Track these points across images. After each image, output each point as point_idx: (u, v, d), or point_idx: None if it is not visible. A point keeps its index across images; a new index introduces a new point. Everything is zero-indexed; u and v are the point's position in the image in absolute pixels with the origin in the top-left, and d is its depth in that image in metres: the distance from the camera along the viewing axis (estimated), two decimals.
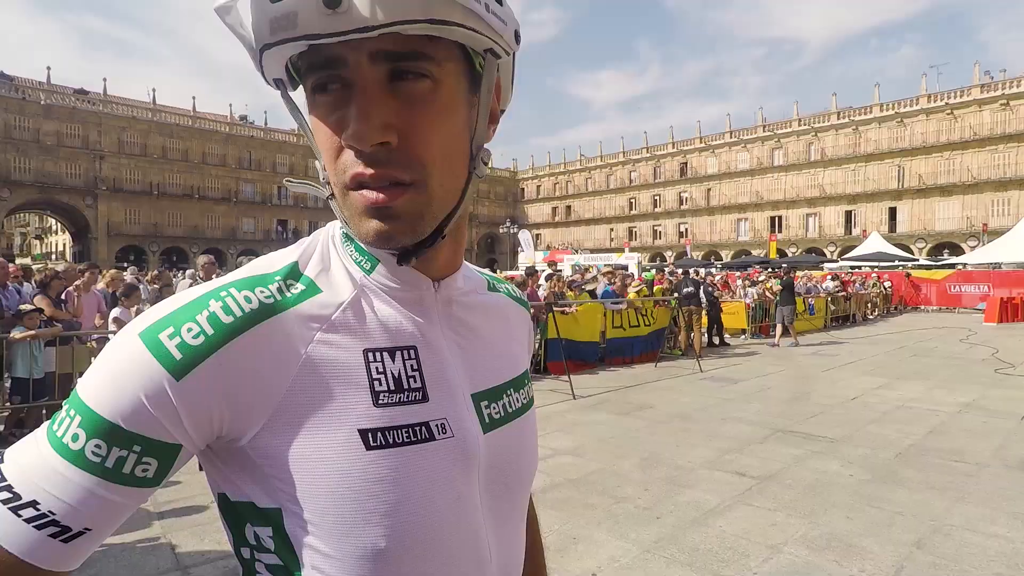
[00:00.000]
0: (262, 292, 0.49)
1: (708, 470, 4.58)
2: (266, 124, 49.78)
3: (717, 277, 16.86)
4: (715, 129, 53.42)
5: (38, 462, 0.44)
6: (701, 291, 11.15)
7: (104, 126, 41.78)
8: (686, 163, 53.00)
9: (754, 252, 44.13)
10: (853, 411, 6.54)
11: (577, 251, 40.44)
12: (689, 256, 38.46)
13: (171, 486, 4.18)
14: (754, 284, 14.72)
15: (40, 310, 5.68)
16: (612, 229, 58.01)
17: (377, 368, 0.51)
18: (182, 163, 44.88)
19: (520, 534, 0.61)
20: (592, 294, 10.62)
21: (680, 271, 12.15)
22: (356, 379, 0.50)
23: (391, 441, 0.49)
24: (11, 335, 5.39)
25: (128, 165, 42.60)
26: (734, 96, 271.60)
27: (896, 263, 27.70)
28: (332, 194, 0.51)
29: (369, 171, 0.46)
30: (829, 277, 19.62)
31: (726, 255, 47.50)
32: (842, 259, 32.03)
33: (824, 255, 40.99)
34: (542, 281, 10.53)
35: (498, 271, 17.53)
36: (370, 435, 0.49)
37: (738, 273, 22.41)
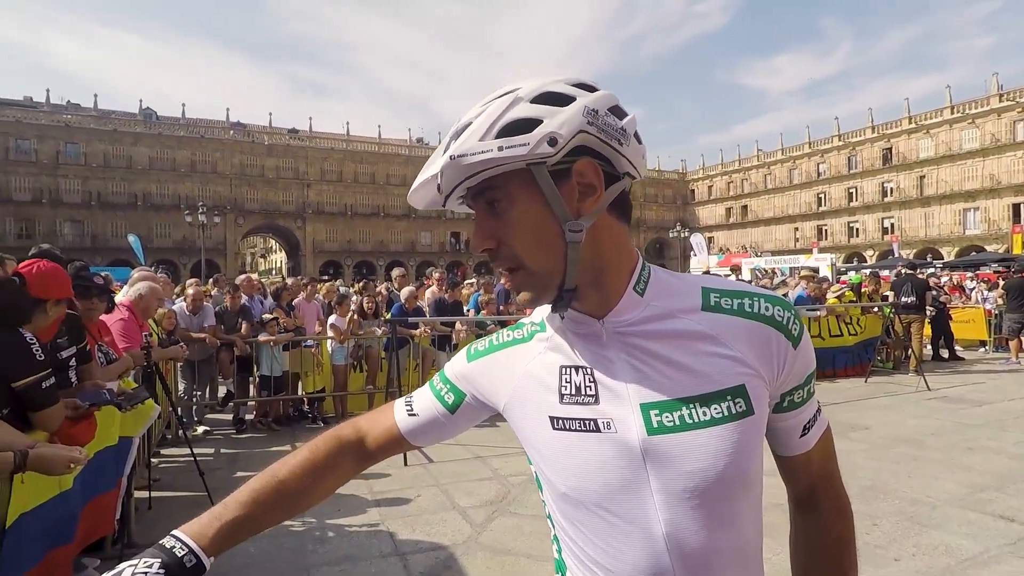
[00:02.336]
0: (518, 332, 0.84)
1: (958, 509, 3.80)
2: (439, 143, 54.04)
3: (944, 279, 14.14)
4: (928, 106, 45.13)
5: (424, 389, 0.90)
6: (926, 296, 9.46)
7: (310, 158, 48.81)
8: (890, 148, 45.77)
9: (989, 248, 36.53)
10: None
11: (757, 254, 37.32)
12: (897, 255, 32.92)
13: (382, 478, 4.63)
14: (996, 287, 12.16)
15: (277, 319, 6.68)
16: (797, 228, 52.40)
17: (566, 379, 0.75)
18: (370, 185, 50.55)
19: (718, 535, 0.70)
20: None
21: (903, 269, 10.20)
22: (551, 384, 0.75)
23: (567, 427, 0.73)
24: (258, 338, 6.42)
25: (328, 190, 49.16)
26: (952, 64, 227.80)
27: None
28: None
29: (497, 265, 0.73)
30: None
31: (948, 252, 40.11)
32: None
33: None
34: None
35: None
36: (554, 421, 0.74)
37: (969, 273, 18.72)
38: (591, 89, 0.70)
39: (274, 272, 58.90)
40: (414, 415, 0.86)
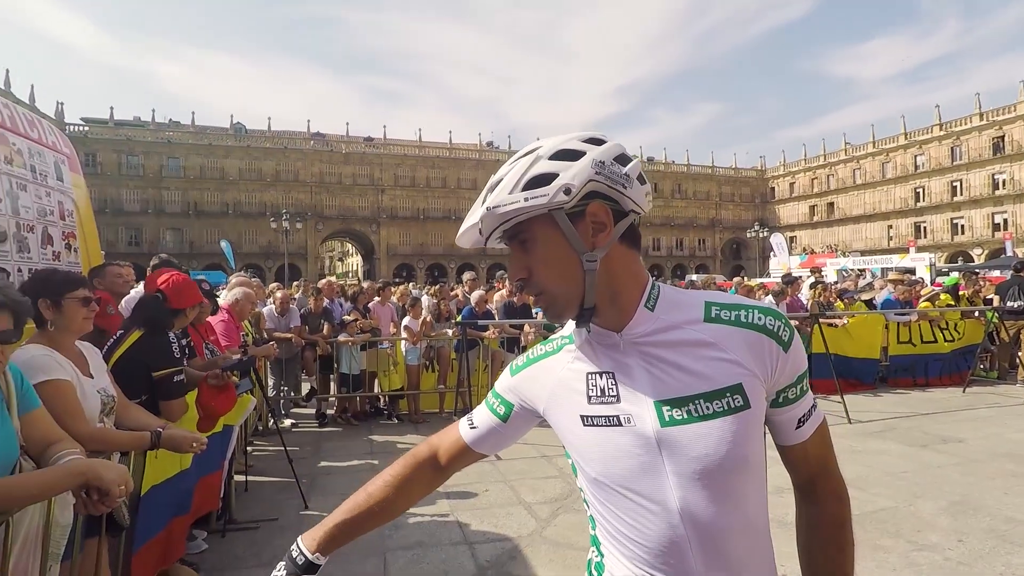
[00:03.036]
0: (549, 346, 0.99)
1: None
2: (510, 148, 54.68)
3: None
4: None
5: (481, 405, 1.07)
6: None
7: (384, 165, 50.58)
8: (1002, 137, 41.35)
9: None
10: None
11: (844, 254, 35.01)
12: (1010, 254, 29.60)
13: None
14: None
15: (356, 320, 7.10)
16: (891, 226, 48.68)
17: (591, 383, 0.89)
18: (441, 190, 51.74)
19: (725, 510, 0.82)
20: (869, 304, 9.12)
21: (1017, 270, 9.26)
22: (580, 388, 0.90)
23: (595, 423, 0.88)
24: (338, 339, 6.85)
25: (401, 195, 50.75)
26: None
27: None
28: None
29: (527, 292, 0.90)
30: None
31: None
32: None
33: None
34: (805, 290, 9.45)
35: (744, 278, 16.05)
36: (584, 419, 0.89)
37: None
38: (600, 143, 0.86)
39: (350, 275, 61.27)
40: (475, 428, 1.03)
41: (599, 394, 0.88)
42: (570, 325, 0.97)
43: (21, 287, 1.99)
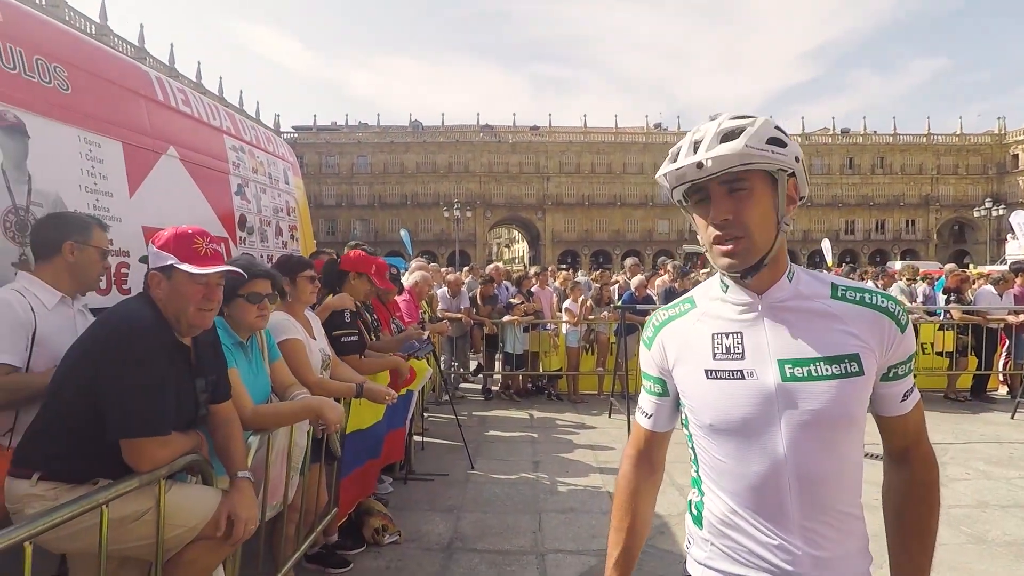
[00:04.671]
0: (673, 310, 1.14)
1: None
2: (679, 129, 52.20)
3: None
4: None
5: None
6: None
7: (548, 153, 51.49)
8: None
9: None
10: None
11: None
12: None
13: (607, 450, 5.05)
14: None
15: (522, 303, 7.56)
16: None
17: (717, 341, 1.03)
18: (606, 175, 51.30)
19: (826, 458, 0.95)
20: None
21: None
22: (705, 346, 1.03)
23: (719, 376, 1.01)
24: (504, 319, 7.37)
25: (566, 182, 51.33)
26: None
27: None
28: (707, 250, 1.03)
29: (719, 233, 0.98)
30: None
31: None
32: None
33: None
34: None
35: (971, 266, 13.54)
36: (708, 372, 1.02)
37: None
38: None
39: (516, 260, 63.62)
40: (649, 416, 1.17)
41: (724, 351, 1.02)
42: (700, 290, 1.12)
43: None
